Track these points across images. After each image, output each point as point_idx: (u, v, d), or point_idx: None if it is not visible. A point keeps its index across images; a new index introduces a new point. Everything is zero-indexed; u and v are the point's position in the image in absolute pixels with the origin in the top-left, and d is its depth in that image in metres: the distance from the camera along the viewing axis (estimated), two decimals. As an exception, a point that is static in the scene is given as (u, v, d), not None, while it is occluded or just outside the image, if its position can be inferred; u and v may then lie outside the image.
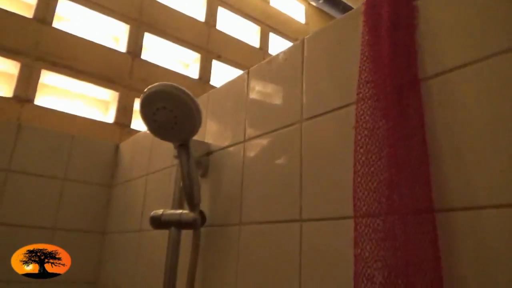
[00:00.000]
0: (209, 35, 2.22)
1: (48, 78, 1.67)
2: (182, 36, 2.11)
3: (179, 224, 0.87)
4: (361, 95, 0.54)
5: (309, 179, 0.66)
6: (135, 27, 1.95)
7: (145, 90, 0.79)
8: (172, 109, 0.78)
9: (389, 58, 0.52)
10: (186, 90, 0.79)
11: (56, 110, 1.61)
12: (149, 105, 0.79)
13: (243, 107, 0.88)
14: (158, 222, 0.89)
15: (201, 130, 0.99)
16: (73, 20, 1.82)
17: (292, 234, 0.66)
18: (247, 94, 0.88)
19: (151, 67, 1.94)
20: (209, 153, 0.95)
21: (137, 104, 1.80)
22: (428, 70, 0.51)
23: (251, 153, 0.82)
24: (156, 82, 0.80)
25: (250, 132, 0.84)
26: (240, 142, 0.86)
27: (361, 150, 0.51)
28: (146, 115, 0.80)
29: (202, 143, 0.96)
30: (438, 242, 0.44)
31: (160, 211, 0.90)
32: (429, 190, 0.46)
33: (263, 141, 0.79)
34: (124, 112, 1.78)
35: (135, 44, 1.92)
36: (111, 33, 1.95)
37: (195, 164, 0.86)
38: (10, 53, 1.55)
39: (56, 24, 1.70)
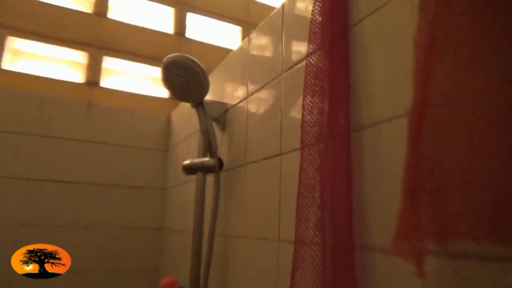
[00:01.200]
0: (248, 8, 2.36)
1: (110, 63, 1.97)
2: (222, 12, 2.28)
3: (203, 169, 1.07)
4: (305, 139, 0.66)
5: (287, 126, 0.81)
6: (179, 9, 2.15)
7: (163, 60, 0.99)
8: (184, 75, 0.96)
9: (328, 105, 0.62)
10: (195, 59, 0.97)
11: (118, 90, 1.90)
12: (166, 72, 0.98)
13: (246, 68, 1.03)
14: (188, 169, 1.11)
15: (219, 92, 1.17)
16: (124, 9, 2.08)
17: (277, 165, 0.82)
18: (248, 55, 1.03)
19: (196, 44, 2.15)
20: (226, 111, 1.13)
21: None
22: (358, 120, 0.60)
23: (253, 106, 0.98)
24: (201, 58, 0.99)
25: (251, 88, 0.99)
26: (244, 98, 1.02)
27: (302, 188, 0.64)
28: (165, 81, 1.00)
29: (220, 103, 1.14)
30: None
31: (188, 161, 1.11)
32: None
33: (260, 94, 0.95)
34: (174, 86, 2.02)
35: (180, 24, 2.13)
36: (158, 17, 2.19)
37: (210, 120, 1.05)
38: (77, 45, 1.86)
39: (110, 15, 1.97)
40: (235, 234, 0.99)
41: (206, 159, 1.07)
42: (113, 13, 2.00)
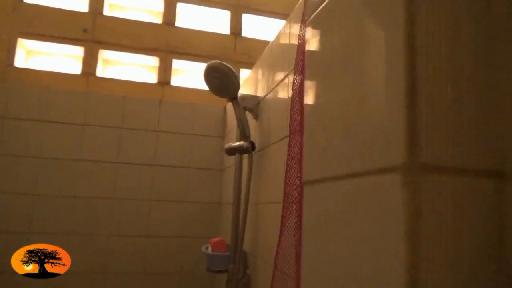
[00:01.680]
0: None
1: (178, 64, 2.31)
2: (274, 9, 2.50)
3: (239, 151, 1.33)
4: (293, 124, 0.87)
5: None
6: (234, 11, 2.42)
7: (205, 67, 1.26)
8: (219, 77, 1.23)
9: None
10: (227, 65, 1.23)
11: (185, 88, 2.24)
12: (207, 75, 1.26)
13: (277, 60, 1.26)
14: (228, 151, 1.38)
15: (254, 86, 1.41)
16: (188, 17, 2.41)
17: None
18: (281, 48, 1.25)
19: (251, 42, 2.40)
20: (258, 102, 1.37)
21: (242, 73, 2.31)
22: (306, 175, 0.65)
23: (275, 96, 1.21)
24: (255, 54, 1.25)
25: (277, 79, 1.22)
26: (270, 91, 1.25)
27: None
28: (207, 82, 1.27)
29: (254, 97, 1.38)
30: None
31: (229, 144, 1.38)
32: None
33: (279, 87, 1.17)
34: (231, 81, 2.31)
35: (235, 25, 2.40)
36: (217, 20, 2.48)
37: (244, 111, 1.30)
38: (150, 51, 2.24)
39: (177, 23, 2.32)
40: (264, 201, 1.23)
41: (242, 142, 1.32)
42: (179, 21, 2.35)
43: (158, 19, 2.32)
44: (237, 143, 1.34)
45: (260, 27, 2.52)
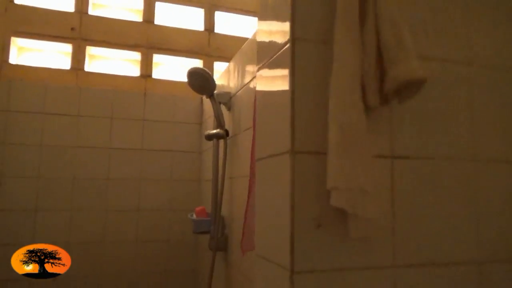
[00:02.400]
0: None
1: (158, 58, 2.58)
2: (246, 7, 2.79)
3: (216, 137, 1.66)
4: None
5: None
6: (208, 8, 2.70)
7: (187, 71, 1.57)
8: (199, 79, 1.54)
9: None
10: (205, 69, 1.54)
11: (165, 80, 2.52)
12: (190, 77, 1.57)
13: (247, 60, 1.58)
14: (208, 137, 1.71)
15: (227, 81, 1.73)
16: (165, 14, 2.66)
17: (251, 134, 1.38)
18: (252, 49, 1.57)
19: (223, 38, 2.69)
20: (231, 97, 1.69)
21: (216, 66, 2.61)
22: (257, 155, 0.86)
23: (246, 93, 1.53)
24: (227, 49, 1.56)
25: (246, 79, 1.54)
26: (241, 88, 1.57)
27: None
28: (190, 83, 1.59)
29: (227, 93, 1.70)
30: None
31: (207, 131, 1.70)
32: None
33: (252, 84, 1.49)
34: (207, 73, 2.62)
35: (209, 22, 2.68)
36: (190, 18, 2.75)
37: (219, 105, 1.63)
38: (133, 47, 2.49)
39: (156, 21, 2.57)
40: (236, 176, 1.58)
41: (218, 130, 1.65)
42: (158, 19, 2.60)
43: (138, 17, 2.57)
44: (214, 131, 1.67)
45: (232, 24, 2.81)
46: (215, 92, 1.61)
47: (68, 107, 2.17)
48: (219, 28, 2.72)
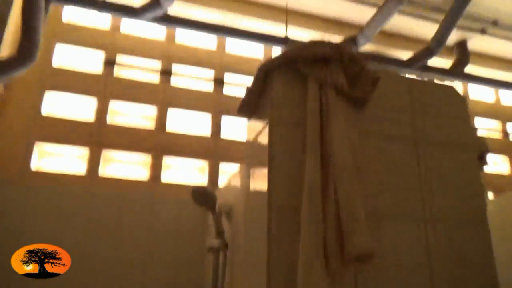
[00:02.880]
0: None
1: (167, 160, 2.77)
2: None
3: (218, 250, 1.74)
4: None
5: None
6: (214, 114, 2.95)
7: (192, 190, 1.71)
8: (201, 195, 1.68)
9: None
10: (207, 188, 1.68)
11: (172, 184, 2.67)
12: (194, 196, 1.71)
13: (239, 186, 1.72)
14: (209, 249, 1.79)
15: (229, 193, 1.86)
16: (176, 120, 2.90)
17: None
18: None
19: (228, 142, 2.90)
20: (231, 208, 1.80)
21: (221, 166, 2.78)
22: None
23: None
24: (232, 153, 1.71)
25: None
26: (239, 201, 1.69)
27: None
28: (194, 200, 1.72)
29: (227, 205, 1.82)
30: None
31: (210, 242, 1.79)
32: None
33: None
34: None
35: (216, 127, 2.91)
36: (199, 122, 2.98)
37: (221, 214, 1.74)
38: (145, 150, 2.69)
39: (168, 127, 2.80)
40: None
41: (219, 243, 1.74)
42: (169, 126, 2.85)
43: (151, 122, 2.82)
44: (216, 244, 1.76)
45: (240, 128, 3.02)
46: (216, 206, 1.74)
47: (80, 210, 2.29)
48: (225, 132, 2.94)
